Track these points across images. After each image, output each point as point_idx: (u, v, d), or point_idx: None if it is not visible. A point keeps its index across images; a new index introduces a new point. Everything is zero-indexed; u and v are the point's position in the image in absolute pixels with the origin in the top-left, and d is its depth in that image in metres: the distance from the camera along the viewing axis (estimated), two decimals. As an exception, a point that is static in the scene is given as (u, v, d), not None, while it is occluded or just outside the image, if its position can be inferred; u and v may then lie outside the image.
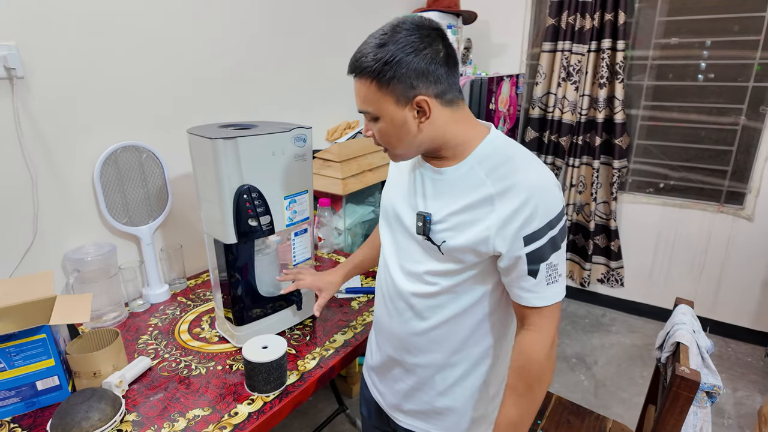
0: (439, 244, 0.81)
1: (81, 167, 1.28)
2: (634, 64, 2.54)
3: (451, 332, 0.86)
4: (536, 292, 0.78)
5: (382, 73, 0.73)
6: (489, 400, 0.93)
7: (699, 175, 2.51)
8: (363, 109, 0.80)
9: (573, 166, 2.71)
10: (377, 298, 0.99)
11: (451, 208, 0.80)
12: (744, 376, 2.27)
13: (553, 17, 2.56)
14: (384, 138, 0.81)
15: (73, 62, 1.22)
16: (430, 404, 0.92)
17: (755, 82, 2.27)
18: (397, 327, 0.92)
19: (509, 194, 0.75)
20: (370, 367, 1.06)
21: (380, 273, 0.97)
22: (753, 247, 2.42)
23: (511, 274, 0.78)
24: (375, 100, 0.76)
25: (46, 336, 0.92)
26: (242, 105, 1.71)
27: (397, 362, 0.94)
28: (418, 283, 0.86)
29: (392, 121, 0.77)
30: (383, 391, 1.01)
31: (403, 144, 0.80)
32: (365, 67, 0.75)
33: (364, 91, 0.77)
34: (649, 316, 2.78)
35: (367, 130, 0.84)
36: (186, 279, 1.52)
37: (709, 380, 1.02)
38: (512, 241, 0.75)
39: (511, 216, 0.74)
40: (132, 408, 0.95)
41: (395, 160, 0.87)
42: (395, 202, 0.91)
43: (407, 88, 0.74)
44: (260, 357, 0.97)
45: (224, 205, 1.03)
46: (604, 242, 2.77)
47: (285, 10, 1.81)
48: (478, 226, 0.77)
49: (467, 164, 0.80)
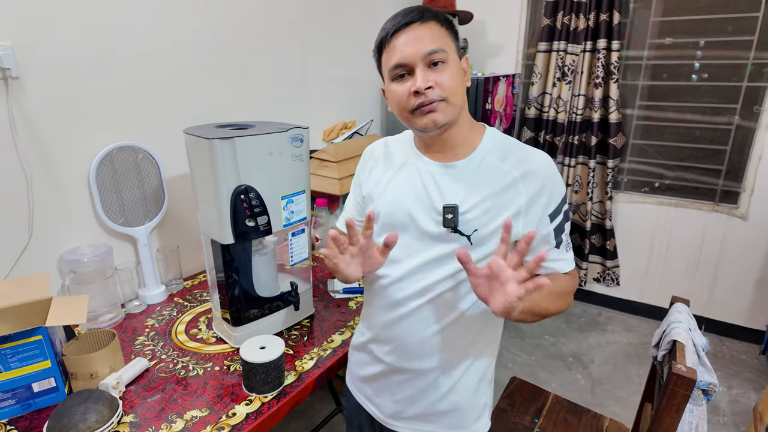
0: (470, 234, 0.81)
1: (77, 168, 1.27)
2: (629, 64, 2.55)
3: (463, 329, 0.86)
4: (562, 260, 0.85)
5: (449, 23, 0.81)
6: (488, 387, 0.95)
7: (694, 175, 2.53)
8: (435, 48, 0.77)
9: (569, 166, 2.72)
10: (375, 308, 0.93)
11: (478, 197, 0.81)
12: (739, 374, 2.29)
13: (549, 17, 2.57)
14: (452, 82, 0.79)
15: (69, 62, 1.21)
16: (435, 406, 0.91)
17: (749, 82, 2.29)
18: (404, 334, 0.89)
19: (530, 177, 0.80)
20: (362, 380, 1.01)
21: (381, 282, 0.91)
22: (747, 246, 2.44)
23: (540, 250, 0.83)
24: (445, 42, 0.80)
25: (42, 337, 0.91)
26: (239, 105, 1.71)
27: (400, 370, 0.91)
28: (434, 283, 0.84)
29: (458, 67, 0.81)
30: (379, 403, 0.97)
31: (461, 93, 0.82)
32: (436, 13, 0.80)
33: (437, 32, 0.79)
34: (644, 314, 2.79)
35: (426, 80, 0.78)
36: (183, 280, 1.52)
37: (705, 378, 1.03)
38: (540, 219, 0.81)
39: (535, 196, 0.80)
40: (129, 409, 0.95)
41: (444, 119, 0.80)
42: (404, 205, 0.86)
43: (459, 47, 0.84)
44: (258, 357, 0.97)
45: (221, 205, 1.03)
46: (600, 241, 2.78)
47: (282, 11, 1.81)
48: (508, 210, 0.80)
49: (479, 155, 0.84)
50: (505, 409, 1.42)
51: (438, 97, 0.78)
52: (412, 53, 0.78)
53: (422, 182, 0.85)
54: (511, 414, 1.40)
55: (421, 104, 0.79)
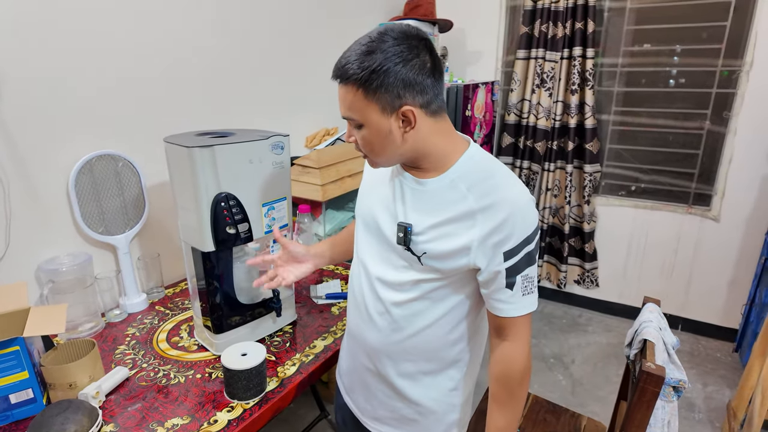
0: (420, 255, 0.82)
1: (55, 177, 1.27)
2: (604, 71, 2.62)
3: (425, 340, 0.88)
4: (513, 303, 0.81)
5: (368, 81, 0.72)
6: (460, 406, 0.95)
7: (668, 178, 2.60)
8: (348, 116, 0.79)
9: (548, 171, 2.77)
10: (351, 306, 0.98)
11: (433, 220, 0.80)
12: (714, 371, 2.36)
13: (527, 26, 2.62)
14: (367, 146, 0.80)
15: (47, 70, 1.21)
16: (402, 411, 0.93)
17: (718, 89, 2.37)
18: (371, 336, 0.91)
19: (491, 211, 0.76)
20: (342, 374, 1.06)
21: (355, 280, 0.96)
22: (720, 247, 2.52)
23: (490, 287, 0.81)
24: (360, 108, 0.76)
25: (20, 348, 0.91)
26: (220, 113, 1.71)
27: (370, 371, 0.94)
28: (396, 291, 0.87)
29: (377, 129, 0.76)
30: (356, 399, 1.01)
31: (385, 153, 0.80)
32: (351, 74, 0.73)
33: (350, 98, 0.75)
34: (623, 315, 2.86)
35: (349, 136, 0.82)
36: (164, 288, 1.51)
37: (674, 375, 1.07)
38: (492, 256, 0.77)
39: (492, 232, 0.76)
40: (109, 419, 0.95)
41: (375, 167, 0.87)
42: (375, 210, 0.90)
43: (394, 97, 0.73)
44: (239, 364, 0.98)
45: (201, 213, 1.04)
46: (579, 244, 2.84)
47: (262, 18, 1.82)
48: (459, 239, 0.78)
49: (448, 177, 0.80)
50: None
51: (363, 151, 0.83)
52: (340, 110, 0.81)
53: (394, 194, 0.87)
54: (492, 415, 1.42)
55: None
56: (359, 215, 0.96)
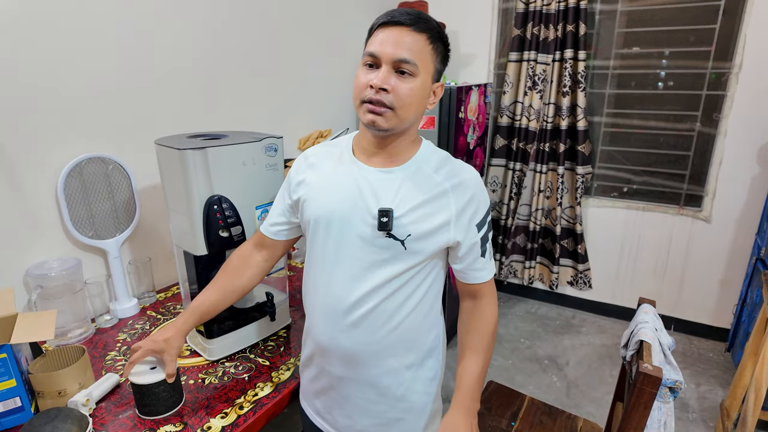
0: (404, 239, 0.83)
1: (44, 180, 1.24)
2: (596, 73, 2.64)
3: (406, 329, 0.88)
4: (487, 268, 0.92)
5: (442, 45, 0.83)
6: (436, 396, 0.97)
7: (659, 179, 2.62)
8: (406, 59, 0.78)
9: (540, 172, 2.78)
10: (316, 322, 0.92)
11: (411, 203, 0.83)
12: (706, 371, 2.37)
13: (519, 28, 2.64)
14: (408, 97, 0.80)
15: (34, 72, 1.19)
16: (388, 414, 0.92)
17: (708, 91, 2.40)
18: (349, 342, 0.88)
19: (461, 188, 0.86)
20: (311, 396, 1.01)
21: (316, 294, 0.92)
22: (711, 247, 2.54)
23: (467, 259, 0.90)
24: (424, 60, 0.80)
25: (7, 355, 0.89)
26: (212, 115, 1.70)
27: (350, 380, 0.91)
28: (372, 288, 0.85)
29: (422, 86, 0.82)
30: (333, 419, 0.97)
31: (412, 110, 0.82)
32: (432, 27, 0.80)
33: (419, 46, 0.79)
34: (617, 316, 2.87)
35: (385, 80, 0.78)
36: (155, 292, 1.49)
37: (671, 376, 1.07)
38: (467, 229, 0.87)
39: (465, 207, 0.86)
40: (100, 427, 0.93)
41: (386, 125, 0.81)
42: (339, 209, 0.86)
43: (441, 73, 0.86)
44: (149, 378, 0.92)
45: (194, 216, 1.02)
46: (571, 245, 2.85)
47: (254, 19, 1.81)
48: (439, 216, 0.84)
49: (414, 164, 0.87)
50: (483, 413, 1.43)
51: (388, 103, 0.79)
52: (385, 51, 0.79)
53: (358, 186, 0.85)
54: (488, 418, 1.42)
55: (371, 100, 0.80)
56: (315, 220, 0.89)
